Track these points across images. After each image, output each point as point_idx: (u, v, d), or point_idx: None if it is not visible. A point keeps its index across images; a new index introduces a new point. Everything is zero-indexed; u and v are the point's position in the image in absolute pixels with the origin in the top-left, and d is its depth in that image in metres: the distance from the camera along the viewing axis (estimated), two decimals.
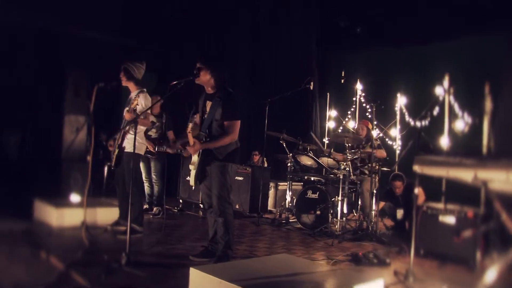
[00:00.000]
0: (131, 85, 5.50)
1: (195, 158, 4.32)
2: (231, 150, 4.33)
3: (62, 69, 7.20)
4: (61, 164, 7.16)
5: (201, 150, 4.27)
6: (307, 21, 9.42)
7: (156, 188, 6.97)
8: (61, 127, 7.34)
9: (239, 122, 4.28)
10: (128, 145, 5.33)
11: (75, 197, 6.12)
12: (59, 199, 6.09)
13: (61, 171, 7.00)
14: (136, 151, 5.04)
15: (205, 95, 4.43)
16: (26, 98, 7.93)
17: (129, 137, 5.34)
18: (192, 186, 4.68)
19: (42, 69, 7.87)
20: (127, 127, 5.24)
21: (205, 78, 4.28)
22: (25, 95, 7.92)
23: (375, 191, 6.23)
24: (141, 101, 5.32)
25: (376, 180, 6.37)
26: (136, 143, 5.02)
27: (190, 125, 4.17)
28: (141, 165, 6.90)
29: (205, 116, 4.35)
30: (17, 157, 8.28)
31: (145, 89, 5.49)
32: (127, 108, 5.35)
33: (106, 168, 7.47)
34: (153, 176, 6.96)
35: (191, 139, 4.15)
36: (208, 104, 4.33)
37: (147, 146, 6.50)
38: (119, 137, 5.42)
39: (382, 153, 6.82)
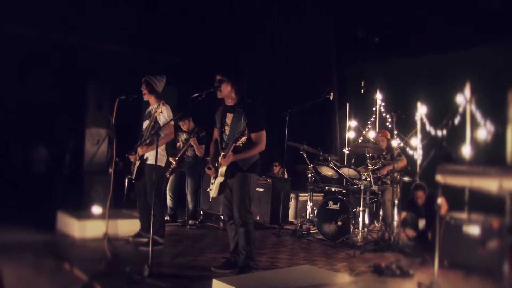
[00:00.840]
0: (152, 99, 5.55)
1: (222, 169, 4.31)
2: (254, 161, 4.38)
3: (83, 83, 7.31)
4: (83, 176, 7.24)
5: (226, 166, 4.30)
6: (325, 32, 9.47)
7: (190, 204, 7.13)
8: (82, 140, 7.42)
9: (265, 132, 4.33)
10: (150, 157, 5.37)
11: (96, 209, 6.21)
12: (81, 211, 6.17)
13: (83, 184, 7.07)
14: (158, 163, 5.00)
15: (223, 107, 4.47)
16: (48, 113, 8.07)
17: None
18: (211, 198, 4.68)
19: (63, 84, 8.01)
20: (149, 141, 5.26)
21: (226, 90, 4.34)
22: (47, 110, 8.06)
23: (396, 201, 6.18)
24: (164, 112, 5.35)
25: (398, 190, 6.32)
26: (158, 155, 5.10)
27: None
28: (172, 177, 7.04)
29: (225, 128, 4.38)
30: (41, 170, 8.42)
31: (164, 101, 5.54)
32: (148, 122, 5.38)
33: (126, 181, 7.55)
34: (188, 194, 7.09)
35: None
36: (229, 116, 4.36)
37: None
38: (141, 150, 5.45)
39: (403, 162, 6.78)
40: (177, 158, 6.91)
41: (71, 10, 7.77)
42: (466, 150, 5.74)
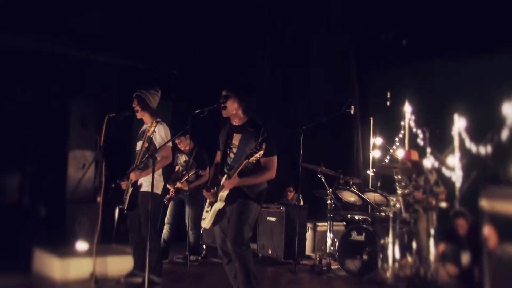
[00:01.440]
0: (146, 116, 5.57)
1: (223, 194, 4.26)
2: (261, 190, 4.37)
3: (66, 98, 7.34)
4: (66, 207, 7.23)
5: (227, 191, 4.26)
6: (344, 35, 9.47)
7: (191, 236, 7.11)
8: (65, 164, 7.43)
9: (276, 158, 4.33)
10: (144, 183, 5.36)
11: (81, 245, 6.15)
12: (63, 248, 6.11)
13: (65, 215, 7.05)
14: (154, 190, 5.00)
15: (229, 127, 4.49)
16: (26, 132, 8.07)
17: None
18: (202, 229, 4.65)
19: (43, 99, 8.04)
20: (144, 164, 5.25)
21: (233, 107, 4.35)
22: (24, 128, 8.06)
23: (433, 231, 6.11)
24: (159, 132, 5.36)
25: (434, 217, 6.25)
26: (154, 180, 5.08)
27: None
28: (170, 206, 7.04)
29: (231, 150, 4.39)
30: (16, 199, 8.40)
31: (160, 120, 5.55)
32: (141, 142, 5.38)
33: (117, 211, 7.53)
34: (188, 223, 7.06)
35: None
36: (236, 137, 4.38)
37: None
38: (134, 175, 5.43)
39: (442, 193, 6.73)
40: (176, 187, 6.92)
41: (53, 15, 7.85)
42: None
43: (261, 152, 4.01)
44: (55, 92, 7.97)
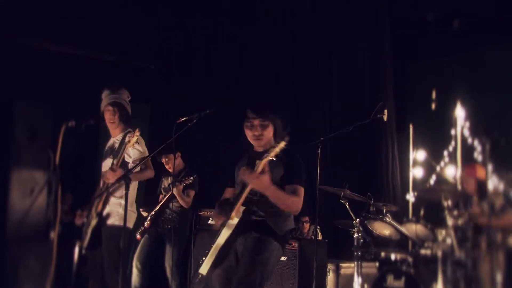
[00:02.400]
0: (120, 127, 5.66)
1: (234, 221, 4.38)
2: (288, 229, 4.63)
3: (9, 100, 7.32)
4: (7, 245, 7.20)
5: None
6: (376, 20, 9.44)
7: (174, 284, 7.08)
8: (6, 189, 7.42)
9: (303, 190, 4.60)
10: (113, 214, 5.38)
11: None
12: None
13: (7, 257, 7.02)
14: (125, 223, 5.04)
15: (250, 155, 4.80)
16: None
17: (113, 202, 5.43)
18: (198, 277, 4.80)
19: None
20: (113, 187, 5.25)
21: (269, 137, 4.73)
22: None
23: (500, 277, 6.00)
24: (142, 146, 5.49)
25: (501, 258, 6.16)
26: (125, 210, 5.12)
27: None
28: (143, 241, 7.09)
29: None
30: None
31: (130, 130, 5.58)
32: (111, 161, 5.42)
33: (76, 250, 7.47)
34: (168, 266, 7.12)
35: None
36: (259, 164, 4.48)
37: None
38: (98, 203, 5.42)
39: (510, 218, 6.66)
40: (153, 213, 6.90)
41: None
42: None
43: (283, 144, 4.21)
44: None
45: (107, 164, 5.52)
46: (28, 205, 7.06)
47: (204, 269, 4.55)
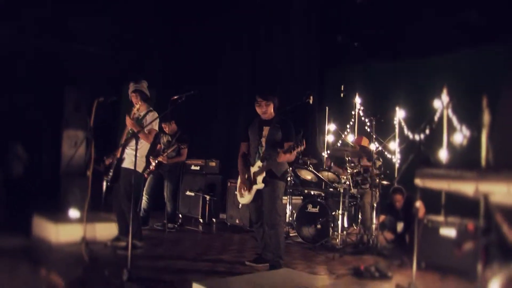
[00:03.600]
0: (143, 106, 5.59)
1: (261, 177, 4.70)
2: (285, 170, 4.91)
3: (62, 85, 7.23)
4: (60, 179, 7.15)
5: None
6: (307, 37, 9.49)
7: (169, 207, 7.10)
8: (60, 142, 7.34)
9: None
10: (127, 158, 5.37)
11: (74, 213, 6.11)
12: (58, 215, 6.06)
13: (60, 187, 6.98)
14: (136, 169, 4.99)
15: (259, 121, 4.92)
16: (26, 114, 7.94)
17: (128, 152, 5.39)
18: (240, 204, 5.61)
19: (41, 85, 7.89)
20: (128, 141, 5.26)
21: (271, 110, 4.87)
22: (24, 112, 7.93)
23: (375, 205, 6.25)
24: (149, 118, 5.44)
25: (377, 193, 6.39)
26: (137, 161, 5.10)
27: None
28: (149, 179, 7.01)
29: (262, 140, 4.82)
30: (16, 172, 8.28)
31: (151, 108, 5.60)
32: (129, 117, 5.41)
33: (104, 183, 7.47)
34: (166, 195, 7.08)
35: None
36: (265, 129, 4.85)
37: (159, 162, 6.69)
38: (119, 151, 5.43)
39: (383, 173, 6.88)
40: (157, 160, 6.88)
41: (46, 11, 7.66)
42: (443, 154, 5.84)
43: (303, 148, 4.52)
44: (52, 81, 7.80)
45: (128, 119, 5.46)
46: (73, 153, 7.04)
47: (245, 201, 4.93)
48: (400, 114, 7.85)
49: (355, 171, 6.85)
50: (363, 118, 8.18)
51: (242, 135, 5.07)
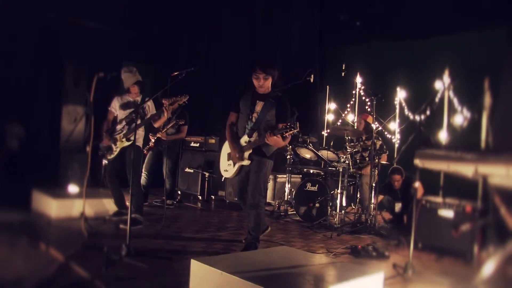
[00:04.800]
0: (138, 92, 5.66)
1: (246, 154, 4.45)
2: (274, 150, 4.54)
3: (61, 60, 7.16)
4: (59, 155, 7.14)
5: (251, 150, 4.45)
6: (308, 15, 9.39)
7: (168, 184, 7.05)
8: (59, 117, 7.31)
9: None
10: (137, 139, 5.35)
11: (73, 188, 6.15)
12: (57, 190, 6.08)
13: (59, 162, 6.98)
14: (138, 144, 5.37)
15: (253, 95, 4.54)
16: (24, 89, 7.88)
17: (138, 131, 5.40)
18: (223, 178, 5.05)
19: (41, 60, 7.82)
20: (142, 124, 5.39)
21: (268, 85, 4.49)
22: (23, 85, 7.87)
23: (374, 185, 6.26)
24: (150, 105, 5.58)
25: (376, 173, 6.40)
26: (139, 136, 5.31)
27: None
28: (149, 155, 7.00)
29: (253, 115, 4.48)
30: (15, 147, 8.26)
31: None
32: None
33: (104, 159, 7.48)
34: (165, 172, 7.04)
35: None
36: (259, 104, 4.49)
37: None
38: (126, 130, 5.42)
39: (383, 158, 6.90)
40: (156, 136, 6.85)
41: None
42: (443, 135, 5.84)
43: (296, 131, 4.12)
44: (52, 55, 7.71)
45: (127, 111, 5.43)
46: (72, 128, 7.02)
47: (229, 175, 4.64)
48: (401, 94, 7.82)
49: (354, 150, 6.88)
50: (364, 98, 8.14)
51: (233, 104, 4.70)
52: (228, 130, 4.67)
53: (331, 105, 8.86)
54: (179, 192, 7.62)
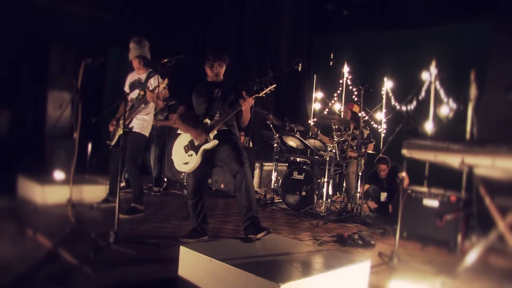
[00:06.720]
0: (143, 69, 5.44)
1: (211, 135, 4.18)
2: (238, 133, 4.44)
3: (47, 46, 7.05)
4: (45, 141, 7.08)
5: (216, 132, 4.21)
6: (297, 4, 9.38)
7: (155, 171, 7.04)
8: (44, 103, 7.24)
9: None
10: (136, 125, 5.33)
11: (59, 174, 6.11)
12: (43, 176, 6.02)
13: (45, 149, 6.92)
14: (143, 132, 5.32)
15: (207, 84, 4.35)
16: (8, 74, 7.76)
17: (138, 117, 5.35)
18: (183, 173, 4.75)
19: (26, 45, 7.69)
20: (137, 108, 5.26)
21: (222, 71, 4.35)
22: (7, 71, 7.75)
23: (360, 174, 6.32)
24: (153, 82, 5.28)
25: (362, 162, 6.46)
26: (146, 123, 5.31)
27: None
28: None
29: (213, 101, 4.24)
30: (1, 134, 8.16)
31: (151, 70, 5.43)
32: (138, 92, 5.29)
33: (89, 146, 7.41)
34: (152, 159, 7.04)
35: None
36: (215, 91, 4.28)
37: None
38: (127, 116, 5.24)
39: (370, 147, 6.95)
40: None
41: None
42: (429, 126, 5.90)
43: (274, 87, 3.95)
44: (37, 41, 7.59)
45: (135, 92, 5.29)
46: (59, 114, 6.93)
47: (189, 169, 4.25)
48: (387, 84, 7.88)
49: (341, 139, 6.92)
50: (351, 87, 8.18)
51: (183, 98, 4.45)
52: (182, 119, 4.39)
53: (318, 94, 8.89)
54: (165, 180, 7.60)
